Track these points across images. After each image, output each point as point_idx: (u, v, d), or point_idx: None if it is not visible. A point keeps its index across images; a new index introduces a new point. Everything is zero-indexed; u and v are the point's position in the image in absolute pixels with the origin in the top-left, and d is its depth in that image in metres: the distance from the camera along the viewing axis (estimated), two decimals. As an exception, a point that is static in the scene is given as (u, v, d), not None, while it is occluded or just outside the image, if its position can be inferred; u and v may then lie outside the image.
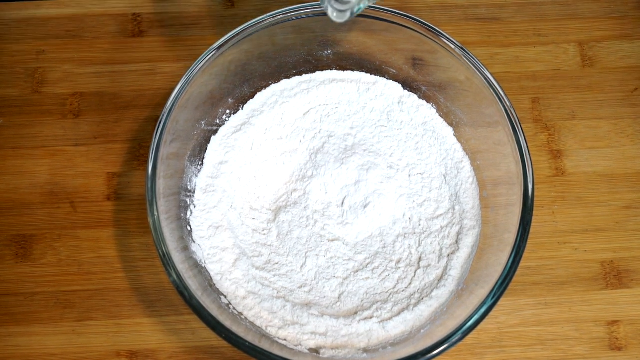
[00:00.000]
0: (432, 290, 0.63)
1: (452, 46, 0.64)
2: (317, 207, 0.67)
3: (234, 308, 0.62)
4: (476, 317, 0.56)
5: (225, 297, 0.62)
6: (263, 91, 0.71)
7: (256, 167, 0.68)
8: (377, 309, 0.63)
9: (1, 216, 0.68)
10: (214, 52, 0.63)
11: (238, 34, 0.64)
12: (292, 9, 0.65)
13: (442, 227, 0.66)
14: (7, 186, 0.69)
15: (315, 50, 0.70)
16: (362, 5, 0.57)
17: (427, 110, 0.71)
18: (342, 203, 0.67)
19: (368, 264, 0.65)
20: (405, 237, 0.66)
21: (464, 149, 0.69)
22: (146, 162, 0.66)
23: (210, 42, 0.64)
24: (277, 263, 0.65)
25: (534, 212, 0.60)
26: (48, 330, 0.65)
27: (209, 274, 0.63)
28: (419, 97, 0.71)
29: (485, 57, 0.75)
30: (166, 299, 0.66)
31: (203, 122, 0.67)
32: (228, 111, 0.70)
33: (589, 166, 0.71)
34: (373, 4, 0.60)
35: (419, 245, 0.66)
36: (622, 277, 0.68)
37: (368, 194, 0.67)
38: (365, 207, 0.66)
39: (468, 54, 0.64)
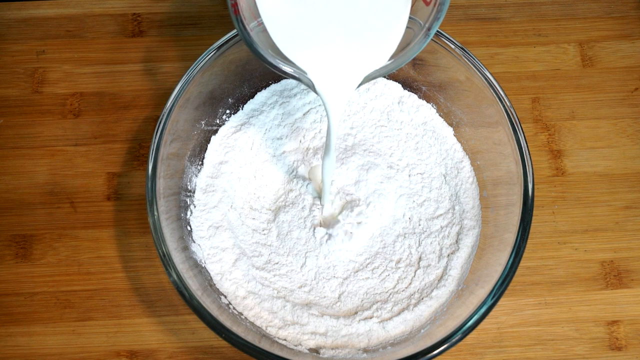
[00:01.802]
0: (432, 290, 0.63)
1: (452, 46, 0.64)
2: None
3: (234, 308, 0.62)
4: (476, 317, 0.56)
5: (225, 297, 0.62)
6: (263, 91, 0.71)
7: (256, 167, 0.68)
8: (377, 309, 0.63)
9: (1, 216, 0.68)
10: (214, 52, 0.63)
11: (238, 34, 0.64)
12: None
13: (442, 227, 0.66)
14: (7, 186, 0.69)
15: (315, 50, 0.70)
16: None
17: (427, 110, 0.71)
18: (342, 203, 0.67)
19: (368, 264, 0.65)
20: (405, 237, 0.66)
21: (464, 149, 0.69)
22: (146, 162, 0.66)
23: (210, 42, 0.64)
24: (277, 263, 0.65)
25: (534, 212, 0.60)
26: (48, 330, 0.65)
27: (209, 274, 0.63)
28: (419, 97, 0.71)
29: (485, 57, 0.75)
30: (166, 299, 0.66)
31: (203, 122, 0.67)
32: (228, 111, 0.70)
33: (589, 166, 0.71)
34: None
35: (419, 245, 0.66)
36: (622, 277, 0.68)
37: (368, 194, 0.67)
38: (365, 207, 0.66)
39: (468, 54, 0.64)
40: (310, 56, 0.53)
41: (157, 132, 0.61)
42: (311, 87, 0.55)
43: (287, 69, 0.54)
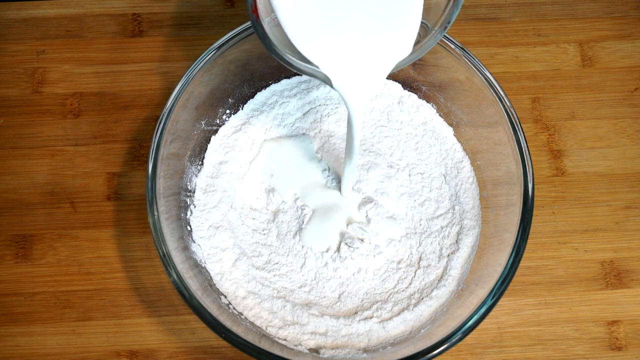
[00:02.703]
0: (432, 290, 0.63)
1: (452, 46, 0.64)
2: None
3: (234, 308, 0.62)
4: (476, 317, 0.56)
5: (225, 297, 0.62)
6: (263, 91, 0.71)
7: (256, 167, 0.69)
8: (377, 309, 0.63)
9: (1, 216, 0.68)
10: (214, 52, 0.63)
11: (238, 34, 0.64)
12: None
13: (442, 227, 0.66)
14: (7, 186, 0.69)
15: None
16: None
17: (427, 110, 0.71)
18: (342, 203, 0.67)
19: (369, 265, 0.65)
20: (405, 236, 0.66)
21: (464, 149, 0.69)
22: (146, 162, 0.66)
23: (210, 42, 0.64)
24: (277, 263, 0.65)
25: (534, 212, 0.60)
26: (48, 330, 0.65)
27: (209, 274, 0.63)
28: (419, 97, 0.71)
29: (485, 57, 0.75)
30: (166, 299, 0.66)
31: (203, 122, 0.67)
32: (228, 111, 0.70)
33: (589, 166, 0.71)
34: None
35: (419, 245, 0.66)
36: (622, 277, 0.68)
37: (369, 193, 0.67)
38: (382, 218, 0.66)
39: (468, 54, 0.64)
40: (329, 53, 0.52)
41: (157, 132, 0.61)
42: (329, 83, 0.54)
43: (304, 66, 0.53)
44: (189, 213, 0.65)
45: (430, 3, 0.53)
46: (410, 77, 0.71)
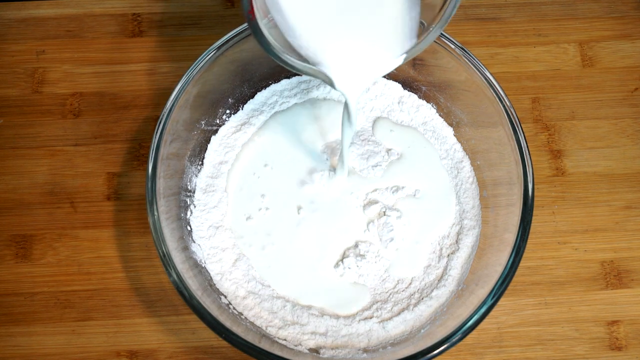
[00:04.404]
0: (432, 290, 0.63)
1: (452, 46, 0.64)
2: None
3: (234, 308, 0.62)
4: (476, 317, 0.56)
5: (225, 297, 0.62)
6: (263, 91, 0.71)
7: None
8: (377, 309, 0.63)
9: (1, 216, 0.68)
10: (214, 52, 0.63)
11: (238, 34, 0.64)
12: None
13: (442, 227, 0.66)
14: (7, 186, 0.69)
15: (315, 50, 0.70)
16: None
17: (427, 110, 0.71)
18: (342, 203, 0.67)
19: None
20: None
21: (464, 149, 0.69)
22: (146, 162, 0.66)
23: (210, 42, 0.64)
24: (277, 263, 0.65)
25: (534, 212, 0.60)
26: (48, 330, 0.65)
27: (209, 274, 0.63)
28: (419, 97, 0.71)
29: (485, 57, 0.75)
30: (166, 299, 0.66)
31: (203, 122, 0.67)
32: (228, 111, 0.70)
33: (589, 166, 0.71)
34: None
35: (419, 245, 0.66)
36: (622, 277, 0.68)
37: (372, 186, 0.67)
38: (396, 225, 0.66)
39: (468, 54, 0.64)
40: (327, 50, 0.53)
41: (157, 132, 0.61)
42: (327, 81, 0.55)
43: (302, 65, 0.53)
44: (189, 213, 0.65)
45: (426, 2, 0.53)
46: (410, 77, 0.71)
